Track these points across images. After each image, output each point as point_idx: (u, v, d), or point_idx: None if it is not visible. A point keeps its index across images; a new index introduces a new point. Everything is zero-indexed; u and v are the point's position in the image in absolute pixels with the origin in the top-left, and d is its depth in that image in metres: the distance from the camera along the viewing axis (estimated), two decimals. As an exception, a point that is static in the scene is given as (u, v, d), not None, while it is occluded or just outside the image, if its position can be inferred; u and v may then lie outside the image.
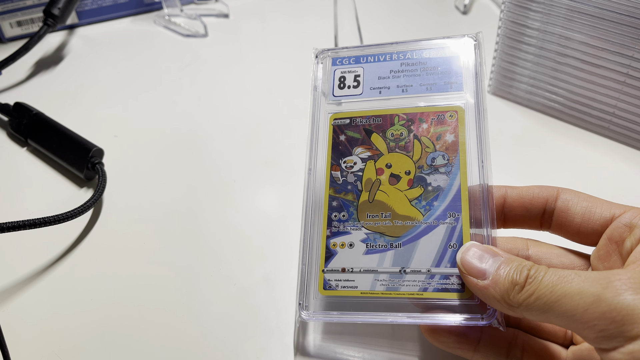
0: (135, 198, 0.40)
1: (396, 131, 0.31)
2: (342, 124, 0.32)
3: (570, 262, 0.28)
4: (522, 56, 0.45)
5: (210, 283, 0.34)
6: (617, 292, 0.20)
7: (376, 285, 0.28)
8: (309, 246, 0.30)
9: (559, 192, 0.28)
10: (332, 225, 0.30)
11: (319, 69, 0.34)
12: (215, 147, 0.44)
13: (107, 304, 0.33)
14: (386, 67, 0.33)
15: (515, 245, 0.29)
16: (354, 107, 0.32)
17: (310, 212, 0.30)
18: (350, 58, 0.34)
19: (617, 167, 0.41)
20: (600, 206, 0.27)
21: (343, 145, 0.31)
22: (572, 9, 0.41)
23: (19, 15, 0.57)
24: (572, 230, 0.28)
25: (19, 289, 0.34)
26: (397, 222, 0.29)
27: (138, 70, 0.53)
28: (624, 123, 0.42)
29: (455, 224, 0.28)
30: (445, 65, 0.32)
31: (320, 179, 0.31)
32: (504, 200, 0.29)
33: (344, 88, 0.33)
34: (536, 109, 0.46)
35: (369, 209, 0.30)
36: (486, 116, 0.30)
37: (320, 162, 0.31)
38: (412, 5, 0.62)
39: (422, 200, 0.29)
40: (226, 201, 0.40)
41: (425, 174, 0.29)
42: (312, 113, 0.33)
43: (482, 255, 0.25)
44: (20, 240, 0.37)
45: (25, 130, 0.44)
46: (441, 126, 0.30)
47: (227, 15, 0.61)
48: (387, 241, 0.29)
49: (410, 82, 0.32)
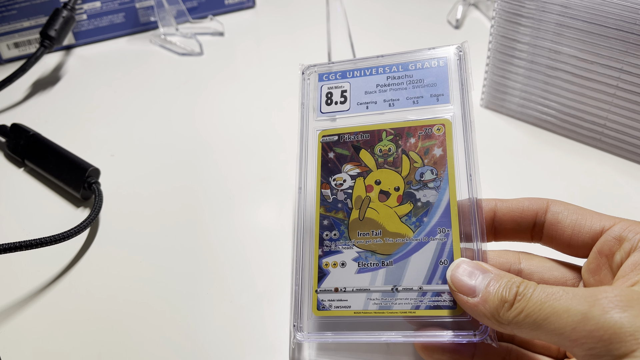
0: (132, 217, 0.40)
1: (384, 147, 0.30)
2: (330, 140, 0.32)
3: (562, 275, 0.28)
4: (514, 70, 0.46)
5: (206, 300, 0.34)
6: (604, 310, 0.20)
7: (369, 305, 0.28)
8: (301, 267, 0.30)
9: (549, 204, 0.28)
10: (323, 244, 0.30)
11: (306, 85, 0.33)
12: (211, 164, 0.45)
13: (103, 324, 0.33)
14: (372, 82, 0.32)
15: (507, 259, 0.29)
16: (342, 123, 0.32)
17: (301, 232, 0.30)
18: (337, 73, 0.33)
19: (609, 178, 0.41)
20: (590, 218, 0.27)
21: (332, 162, 0.31)
22: (561, 24, 0.41)
23: (16, 37, 0.57)
24: (563, 243, 0.28)
25: (16, 309, 0.34)
26: (387, 239, 0.29)
27: (134, 89, 0.54)
28: (615, 134, 0.43)
29: (445, 239, 0.28)
30: (431, 78, 0.31)
31: (311, 197, 0.31)
32: (493, 213, 0.29)
33: (332, 104, 0.33)
34: (528, 122, 0.47)
35: (360, 227, 0.29)
36: (473, 128, 0.29)
37: (310, 180, 0.31)
38: (405, 20, 0.63)
39: (412, 217, 0.29)
40: (222, 218, 0.40)
41: (414, 189, 0.29)
42: (300, 130, 0.32)
43: (472, 272, 0.25)
44: (17, 261, 0.37)
45: (22, 151, 0.44)
46: (429, 140, 0.30)
47: (222, 33, 0.62)
48: (379, 259, 0.28)
49: (396, 95, 0.31)
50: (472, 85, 0.30)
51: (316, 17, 0.62)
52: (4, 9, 0.55)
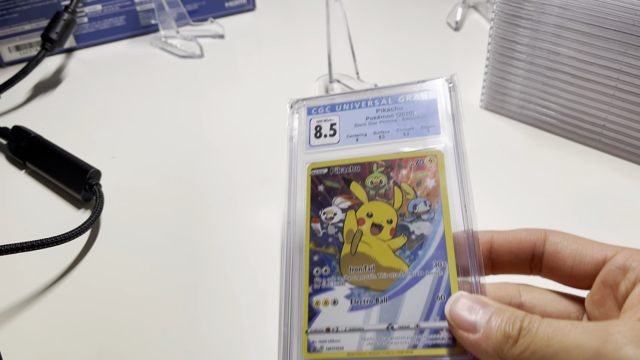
0: (133, 218, 0.40)
1: (375, 179, 0.30)
2: (320, 173, 0.31)
3: (565, 308, 0.27)
4: (513, 71, 0.46)
5: (207, 301, 0.35)
6: (618, 345, 0.19)
7: (363, 345, 0.26)
8: (290, 306, 0.28)
9: (547, 235, 0.27)
10: (314, 281, 0.28)
11: (295, 119, 0.33)
12: (212, 166, 0.45)
13: (104, 325, 0.33)
14: (362, 114, 0.32)
15: (507, 292, 0.28)
16: (332, 156, 0.31)
17: (290, 269, 0.29)
18: (326, 107, 0.33)
19: (609, 179, 0.42)
20: (590, 248, 0.26)
21: (322, 195, 0.30)
22: (560, 25, 0.41)
23: (17, 40, 0.57)
24: (564, 275, 0.26)
25: (18, 310, 0.34)
26: (381, 274, 0.27)
27: (135, 91, 0.54)
28: (614, 135, 0.43)
29: (442, 273, 0.27)
30: (421, 109, 0.31)
31: (300, 232, 0.30)
32: (490, 246, 0.27)
33: (321, 137, 0.32)
34: (528, 123, 0.47)
35: (352, 262, 0.28)
36: (466, 159, 0.29)
37: (300, 214, 0.30)
38: (405, 23, 0.63)
39: (406, 250, 0.28)
40: (223, 220, 0.40)
41: (407, 222, 0.28)
42: (289, 164, 0.32)
43: (472, 306, 0.24)
44: (18, 262, 0.37)
45: (24, 153, 0.44)
46: (421, 171, 0.29)
47: (223, 36, 0.62)
48: (373, 296, 0.27)
49: (387, 127, 0.31)
50: (462, 116, 0.30)
51: (316, 20, 0.62)
52: (5, 11, 0.56)
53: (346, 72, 0.50)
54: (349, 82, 0.50)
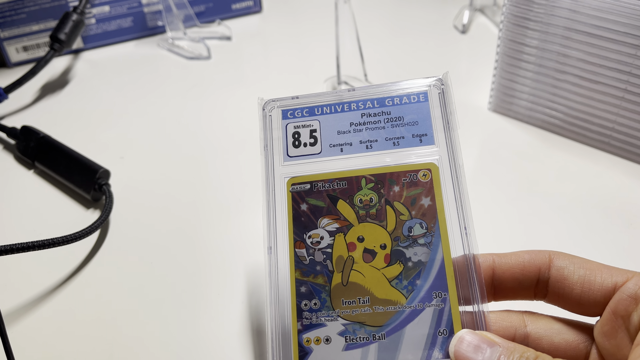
0: (142, 218, 0.40)
1: (365, 196, 0.26)
2: (302, 190, 0.27)
3: (573, 338, 0.25)
4: (522, 73, 0.46)
5: (217, 302, 0.34)
6: None
7: None
8: (279, 344, 0.25)
9: (552, 258, 0.25)
10: (302, 316, 0.25)
11: (268, 124, 0.29)
12: (220, 167, 0.45)
13: (114, 324, 0.33)
14: (345, 119, 0.28)
15: (511, 322, 0.26)
16: (314, 168, 0.27)
17: (275, 302, 0.25)
18: (303, 109, 0.29)
19: (619, 182, 0.42)
20: (599, 274, 0.24)
21: (305, 216, 0.27)
22: (570, 28, 0.42)
23: (25, 41, 0.58)
24: (572, 302, 0.25)
25: (28, 309, 0.34)
26: (377, 307, 0.25)
27: (143, 92, 0.54)
28: (624, 137, 0.43)
29: (442, 305, 0.25)
30: (411, 115, 0.27)
31: (283, 259, 0.26)
32: (492, 271, 0.26)
33: (300, 146, 0.28)
34: (537, 125, 0.47)
35: (344, 294, 0.25)
36: (463, 173, 0.26)
37: (281, 238, 0.26)
38: (412, 25, 0.63)
39: (403, 280, 0.25)
40: (232, 220, 0.40)
41: (403, 246, 0.26)
42: (265, 178, 0.28)
43: (478, 346, 0.23)
44: (28, 262, 0.37)
45: (33, 153, 0.44)
46: (414, 188, 0.26)
47: (230, 37, 0.62)
48: (369, 332, 0.25)
49: (374, 136, 0.27)
50: (457, 123, 0.27)
51: (322, 22, 0.62)
52: (14, 12, 0.56)
53: (354, 74, 0.50)
54: (356, 84, 0.50)
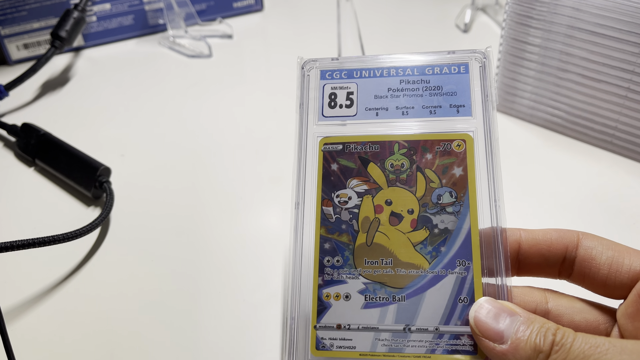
0: (143, 216, 0.40)
1: (396, 161, 0.27)
2: (333, 150, 0.27)
3: (595, 318, 0.25)
4: (524, 72, 0.46)
5: (218, 299, 0.34)
6: None
7: (377, 346, 0.24)
8: (298, 296, 0.25)
9: (580, 239, 0.25)
10: (324, 272, 0.26)
11: (305, 83, 0.29)
12: (222, 165, 0.45)
13: (115, 323, 0.33)
14: (383, 84, 0.28)
15: (533, 297, 0.26)
16: (347, 130, 0.28)
17: (299, 256, 0.26)
18: (342, 71, 0.29)
19: (622, 181, 0.41)
20: (628, 256, 0.24)
21: (335, 175, 0.27)
22: (572, 26, 0.41)
23: (26, 38, 0.57)
24: (597, 283, 0.25)
25: (28, 307, 0.34)
26: (400, 270, 0.25)
27: (144, 90, 0.54)
28: (626, 137, 0.43)
29: (465, 273, 0.25)
30: (450, 85, 0.27)
31: (310, 215, 0.27)
32: (518, 246, 0.26)
33: (335, 107, 0.28)
34: (539, 124, 0.47)
35: (368, 254, 0.26)
36: (498, 147, 0.26)
37: (310, 195, 0.27)
38: (414, 24, 0.63)
39: (428, 245, 0.25)
40: (233, 218, 0.40)
41: (430, 213, 0.26)
42: (298, 135, 0.28)
43: (498, 314, 0.22)
44: (28, 259, 0.37)
45: (33, 150, 0.44)
46: (447, 157, 0.26)
47: (231, 35, 0.62)
48: (389, 293, 0.25)
49: (411, 103, 0.27)
50: (495, 98, 0.27)
51: (324, 20, 0.62)
52: (14, 10, 0.56)
53: (356, 72, 0.50)
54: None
